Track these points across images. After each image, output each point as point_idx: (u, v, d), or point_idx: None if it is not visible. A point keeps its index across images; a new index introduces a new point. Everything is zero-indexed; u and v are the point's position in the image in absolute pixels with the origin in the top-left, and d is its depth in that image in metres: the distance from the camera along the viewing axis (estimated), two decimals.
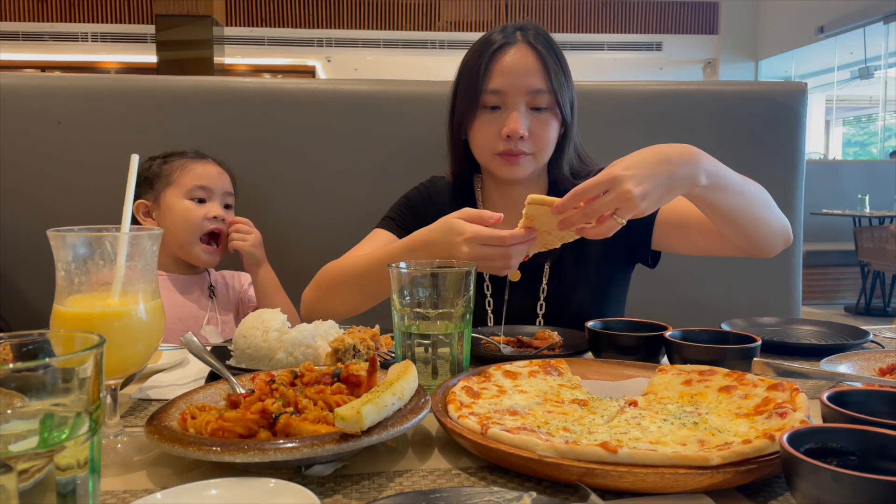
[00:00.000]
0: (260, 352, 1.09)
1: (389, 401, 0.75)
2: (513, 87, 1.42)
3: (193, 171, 1.74)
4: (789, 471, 0.61)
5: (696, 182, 1.15)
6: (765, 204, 1.32)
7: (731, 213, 1.26)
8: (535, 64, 1.43)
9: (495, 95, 1.43)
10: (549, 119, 1.45)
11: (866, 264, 6.35)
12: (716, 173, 1.18)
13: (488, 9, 10.48)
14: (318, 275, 1.49)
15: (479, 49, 1.47)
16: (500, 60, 1.43)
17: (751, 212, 1.29)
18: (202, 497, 0.65)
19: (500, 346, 1.23)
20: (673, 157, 1.13)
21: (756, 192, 1.31)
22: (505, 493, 0.62)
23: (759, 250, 1.36)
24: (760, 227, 1.31)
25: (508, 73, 1.42)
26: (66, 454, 0.53)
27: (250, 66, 10.87)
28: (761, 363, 0.98)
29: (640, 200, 1.07)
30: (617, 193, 1.06)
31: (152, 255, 0.84)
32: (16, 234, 1.85)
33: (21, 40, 9.92)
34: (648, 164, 1.10)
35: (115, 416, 0.83)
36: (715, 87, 2.10)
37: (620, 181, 1.06)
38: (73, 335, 0.60)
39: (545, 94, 1.43)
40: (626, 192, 1.06)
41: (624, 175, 1.07)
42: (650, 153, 1.13)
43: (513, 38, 1.45)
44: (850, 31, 9.07)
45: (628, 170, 1.08)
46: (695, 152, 1.16)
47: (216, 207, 1.75)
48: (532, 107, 1.43)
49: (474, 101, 1.44)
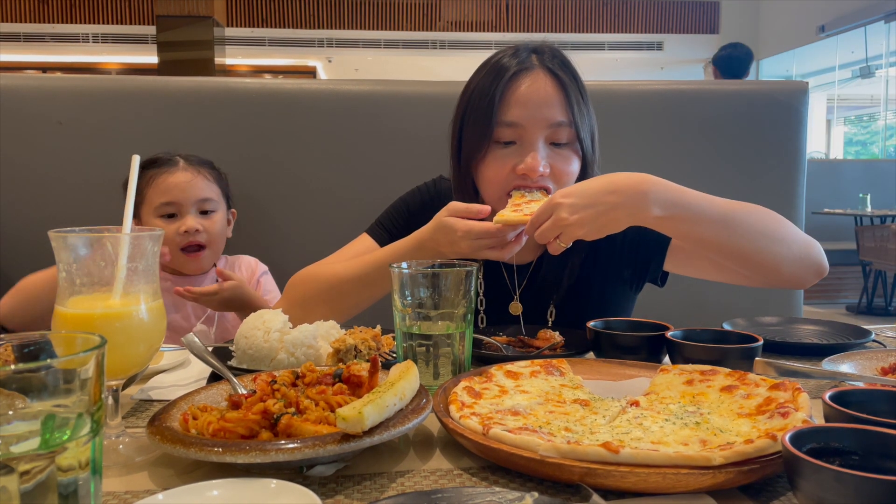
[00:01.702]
0: (261, 352, 1.09)
1: (391, 401, 0.75)
2: (531, 120, 1.28)
3: (158, 185, 1.67)
4: (791, 471, 0.61)
5: (646, 213, 1.14)
6: (769, 234, 1.24)
7: (708, 244, 1.22)
8: (555, 93, 1.30)
9: (511, 129, 1.29)
10: (570, 155, 1.33)
11: (868, 263, 6.34)
12: (676, 203, 1.15)
13: (489, 9, 10.48)
14: (292, 286, 1.41)
15: (489, 75, 1.33)
16: (516, 89, 1.29)
17: (745, 244, 1.21)
18: (204, 498, 0.65)
19: (501, 346, 1.23)
20: (619, 187, 1.13)
21: (756, 222, 1.23)
22: (507, 494, 0.62)
23: (773, 280, 1.28)
24: (761, 258, 1.23)
25: (526, 104, 1.29)
26: (67, 455, 0.53)
27: (251, 66, 10.87)
28: (763, 363, 0.98)
29: (578, 228, 1.10)
30: (553, 220, 1.11)
31: (153, 256, 0.84)
32: (17, 235, 1.86)
33: (22, 41, 9.92)
34: (590, 192, 1.12)
35: (116, 416, 0.83)
36: (716, 87, 2.10)
37: (557, 209, 1.11)
38: (74, 336, 0.60)
39: (566, 128, 1.30)
40: (560, 219, 1.10)
41: (561, 203, 1.11)
42: (597, 182, 1.15)
43: (529, 63, 1.32)
44: (850, 30, 9.06)
45: (567, 198, 1.11)
46: (646, 182, 1.14)
47: (189, 220, 1.68)
48: (551, 141, 1.31)
49: (486, 134, 1.30)
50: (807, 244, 1.30)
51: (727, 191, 2.02)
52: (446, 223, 1.21)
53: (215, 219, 1.74)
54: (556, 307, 1.46)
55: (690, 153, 2.03)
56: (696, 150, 2.03)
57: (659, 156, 2.02)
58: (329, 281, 1.37)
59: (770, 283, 1.30)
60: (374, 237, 1.49)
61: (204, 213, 1.72)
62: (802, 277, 1.31)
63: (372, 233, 1.51)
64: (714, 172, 2.03)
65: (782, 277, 1.28)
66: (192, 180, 1.71)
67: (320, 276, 1.39)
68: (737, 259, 1.25)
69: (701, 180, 2.04)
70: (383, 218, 1.54)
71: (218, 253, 1.77)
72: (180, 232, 1.67)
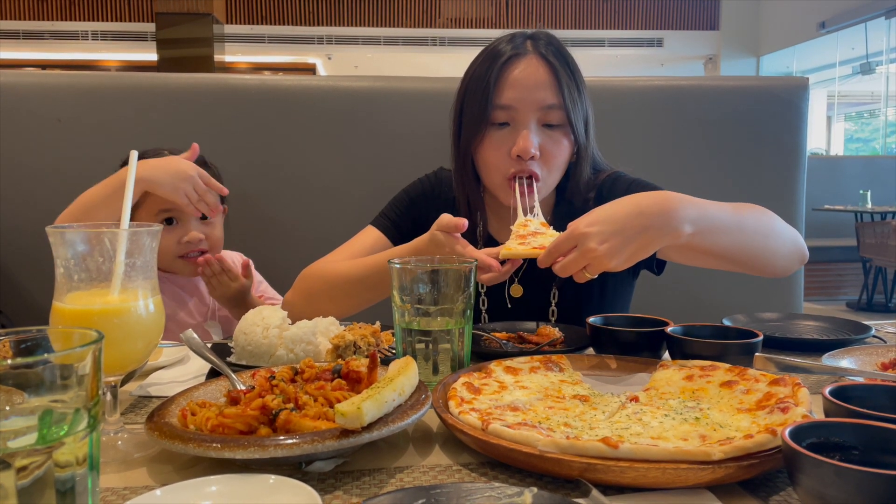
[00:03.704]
0: (260, 348, 1.09)
1: (390, 397, 0.75)
2: (523, 102, 1.32)
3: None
4: (791, 465, 0.61)
5: (679, 233, 1.07)
6: (767, 231, 1.26)
7: (728, 253, 1.20)
8: (547, 77, 1.33)
9: (504, 111, 1.33)
10: (562, 138, 1.36)
11: (868, 260, 6.34)
12: (702, 217, 1.11)
13: (489, 5, 10.47)
14: (302, 278, 1.43)
15: (486, 61, 1.38)
16: (510, 73, 1.33)
17: (752, 245, 1.23)
18: (202, 493, 0.65)
19: (500, 342, 1.23)
20: (646, 209, 1.05)
21: (756, 222, 1.25)
22: (506, 489, 0.62)
23: (767, 274, 1.31)
24: (763, 256, 1.26)
25: (518, 87, 1.33)
26: (64, 451, 0.53)
27: (251, 63, 10.87)
28: (763, 358, 0.98)
29: (608, 259, 1.01)
30: (581, 252, 1.01)
31: (151, 252, 0.84)
32: (16, 232, 1.85)
33: (21, 39, 9.92)
34: (617, 218, 1.03)
35: (115, 413, 0.83)
36: (716, 83, 2.09)
37: (584, 239, 1.01)
38: (71, 331, 0.59)
39: (557, 111, 1.33)
40: (589, 250, 1.01)
41: (588, 232, 1.01)
42: (620, 206, 1.06)
43: (523, 49, 1.36)
44: (851, 26, 9.05)
45: (592, 226, 1.02)
46: (673, 200, 1.08)
47: (191, 231, 1.62)
48: (544, 123, 1.34)
49: (482, 117, 1.34)
50: (794, 237, 1.32)
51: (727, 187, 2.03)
52: (437, 238, 1.21)
53: (216, 223, 1.69)
54: (559, 289, 1.47)
55: (690, 149, 2.03)
56: (696, 146, 2.03)
57: (659, 152, 2.02)
58: (333, 280, 1.39)
59: (763, 274, 1.32)
60: (378, 228, 1.52)
61: (204, 218, 1.66)
62: (791, 267, 1.34)
63: (377, 224, 1.54)
64: (714, 169, 2.02)
65: (776, 270, 1.31)
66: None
67: (326, 273, 1.41)
68: (744, 263, 1.25)
69: (701, 177, 2.06)
70: (387, 209, 1.58)
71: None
72: (181, 242, 1.61)
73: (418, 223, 1.50)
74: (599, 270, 1.03)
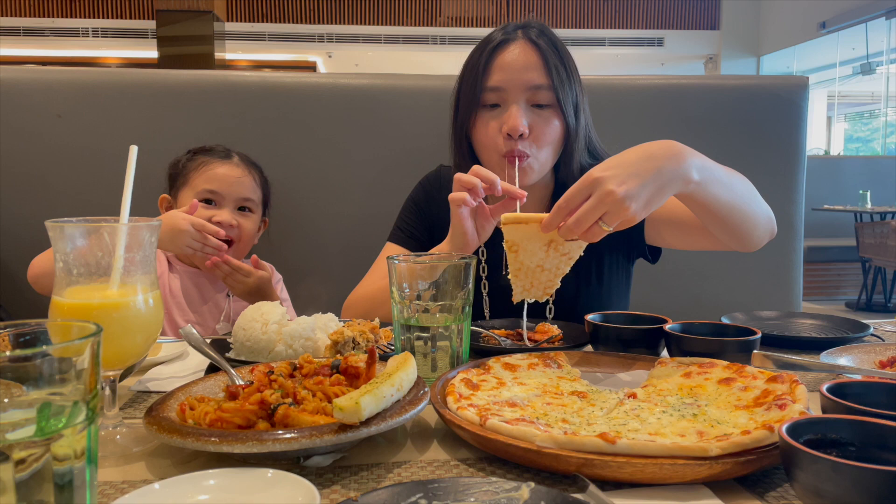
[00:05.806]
0: (259, 344, 1.09)
1: (388, 392, 0.75)
2: (511, 83, 1.37)
3: (207, 172, 1.68)
4: (788, 461, 0.61)
5: (688, 178, 1.08)
6: (752, 197, 1.29)
7: (723, 210, 1.21)
8: (534, 59, 1.38)
9: (494, 93, 1.39)
10: (551, 117, 1.39)
11: (867, 260, 6.34)
12: (706, 167, 1.13)
13: (489, 4, 10.47)
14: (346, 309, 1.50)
15: (479, 48, 1.44)
16: (500, 57, 1.40)
17: (741, 207, 1.24)
18: (200, 487, 0.65)
19: (499, 338, 1.23)
20: (657, 154, 1.05)
21: (743, 185, 1.27)
22: (503, 484, 0.62)
23: (744, 246, 1.32)
24: (748, 222, 1.28)
25: (507, 69, 1.38)
26: (63, 444, 0.53)
27: (251, 61, 10.86)
28: (761, 355, 0.98)
29: (628, 202, 0.98)
30: (599, 196, 0.98)
31: (151, 247, 0.84)
32: (17, 227, 1.86)
33: (22, 36, 9.91)
34: (630, 162, 1.02)
35: (114, 407, 0.83)
36: (716, 82, 2.09)
37: (601, 183, 0.98)
38: (69, 324, 0.59)
39: (546, 91, 1.37)
40: (608, 193, 0.98)
41: (604, 176, 0.99)
42: (631, 152, 1.06)
43: (513, 35, 1.42)
44: (851, 26, 9.05)
45: (608, 170, 1.00)
46: (680, 146, 1.10)
47: (224, 213, 1.66)
48: (533, 104, 1.38)
49: (474, 99, 1.40)
50: (768, 211, 1.34)
51: None
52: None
53: (251, 218, 1.74)
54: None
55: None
56: (696, 145, 2.00)
57: None
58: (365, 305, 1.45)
59: (740, 247, 1.33)
60: (396, 242, 1.57)
61: (241, 210, 1.72)
62: (763, 240, 1.35)
63: (393, 238, 1.58)
64: None
65: (752, 240, 1.32)
66: (242, 177, 1.71)
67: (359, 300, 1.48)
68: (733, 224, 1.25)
69: None
70: (399, 221, 1.61)
71: (243, 255, 1.75)
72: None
73: (431, 225, 1.55)
74: (617, 220, 1.00)
